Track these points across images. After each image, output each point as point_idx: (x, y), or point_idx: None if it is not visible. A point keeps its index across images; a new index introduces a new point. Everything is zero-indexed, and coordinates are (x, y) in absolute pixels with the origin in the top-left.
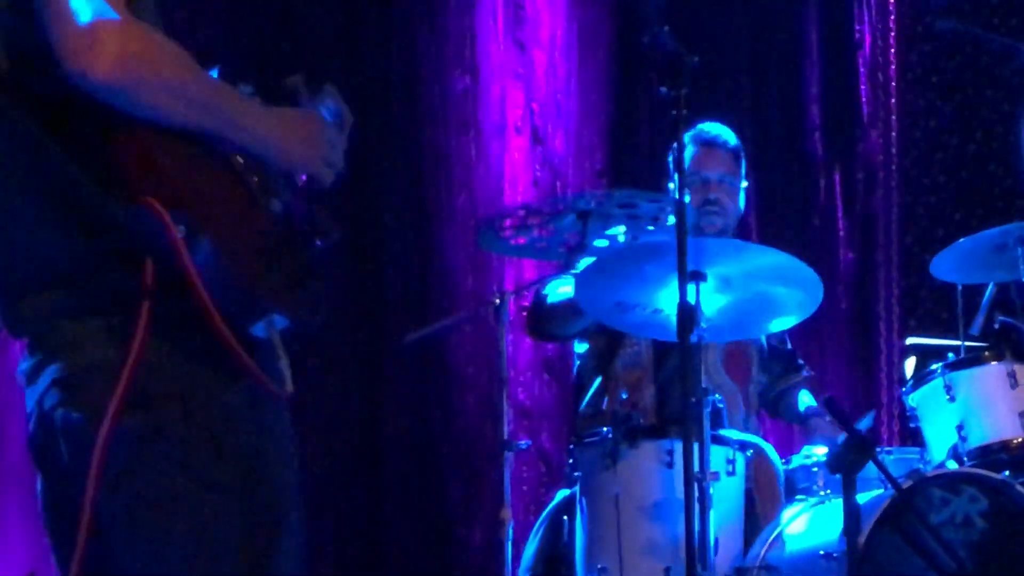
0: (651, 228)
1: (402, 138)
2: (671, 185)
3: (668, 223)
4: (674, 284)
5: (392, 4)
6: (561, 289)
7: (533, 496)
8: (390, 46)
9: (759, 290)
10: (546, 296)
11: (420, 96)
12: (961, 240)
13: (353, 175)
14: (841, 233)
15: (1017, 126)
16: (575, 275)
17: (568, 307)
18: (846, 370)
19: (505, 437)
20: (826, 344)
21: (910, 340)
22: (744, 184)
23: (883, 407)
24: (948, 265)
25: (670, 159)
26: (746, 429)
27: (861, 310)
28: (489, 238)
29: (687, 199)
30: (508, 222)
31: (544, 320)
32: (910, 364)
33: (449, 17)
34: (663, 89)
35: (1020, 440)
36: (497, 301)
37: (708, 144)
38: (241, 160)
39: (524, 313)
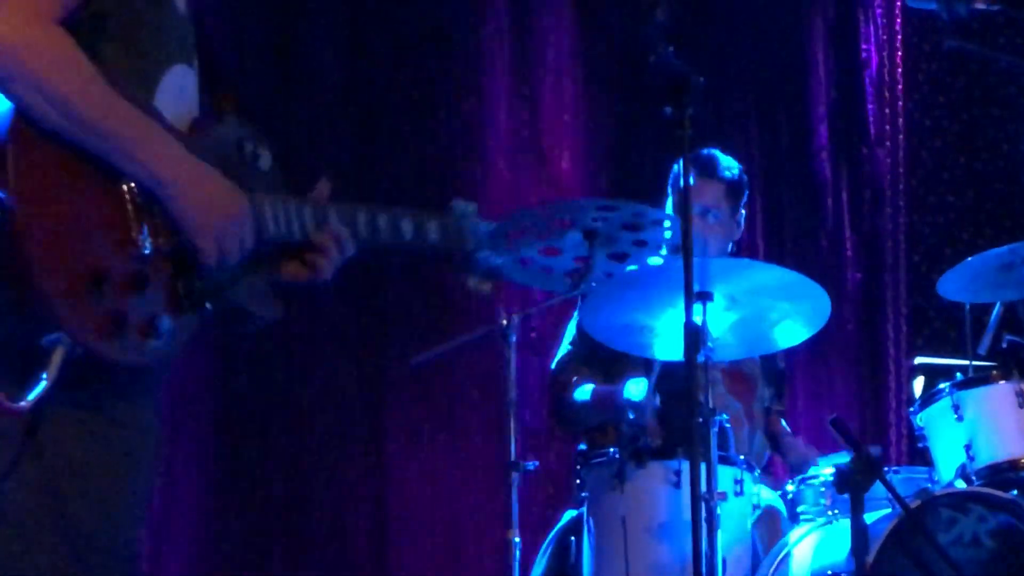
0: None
1: (408, 158)
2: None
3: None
4: (681, 305)
5: (400, 26)
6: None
7: (541, 517)
8: (398, 68)
9: (766, 307)
10: (572, 393)
11: (427, 117)
12: (968, 259)
13: (361, 195)
14: (848, 253)
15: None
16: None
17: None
18: (854, 390)
19: (512, 458)
20: (834, 364)
21: (918, 360)
22: (743, 212)
23: (891, 427)
24: (955, 284)
25: (670, 180)
26: (751, 448)
27: (869, 330)
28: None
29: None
30: (514, 233)
31: (568, 419)
32: (918, 384)
33: (456, 38)
34: (668, 109)
35: None
36: (504, 322)
37: (700, 174)
38: (133, 191)
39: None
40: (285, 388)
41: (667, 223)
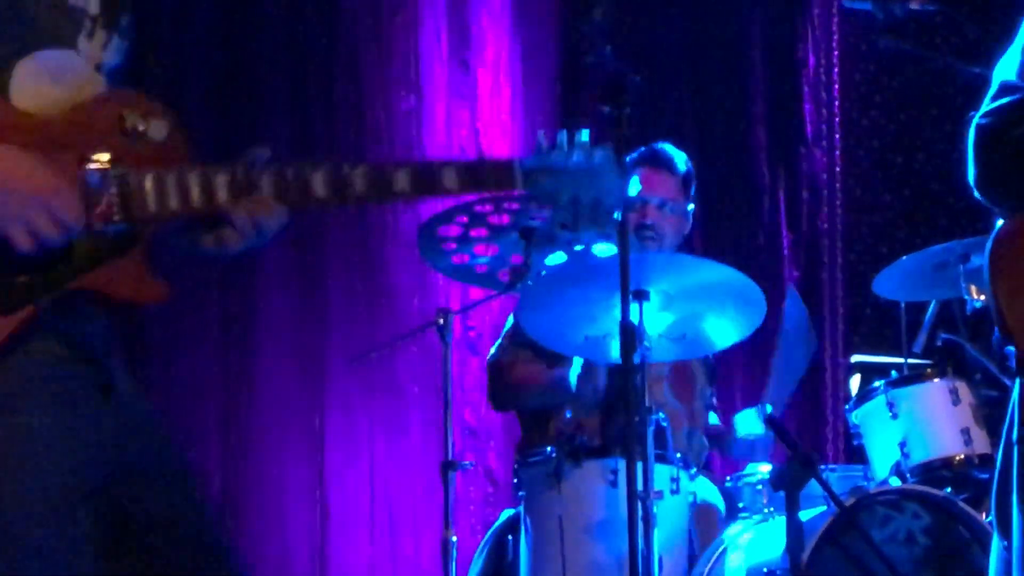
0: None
1: (347, 157)
2: None
3: (597, 252)
4: (617, 304)
5: (337, 24)
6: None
7: (480, 516)
8: (335, 66)
9: (702, 308)
10: (510, 372)
11: (365, 116)
12: (903, 258)
13: None
14: (785, 252)
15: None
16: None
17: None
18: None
19: (450, 456)
20: (771, 361)
21: (855, 358)
22: (691, 207)
23: (828, 425)
24: (891, 283)
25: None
26: (690, 446)
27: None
28: (430, 249)
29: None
30: (452, 230)
31: (518, 397)
32: (855, 382)
33: (394, 37)
34: (606, 108)
35: (962, 457)
36: (441, 321)
37: (654, 166)
38: None
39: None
40: (225, 383)
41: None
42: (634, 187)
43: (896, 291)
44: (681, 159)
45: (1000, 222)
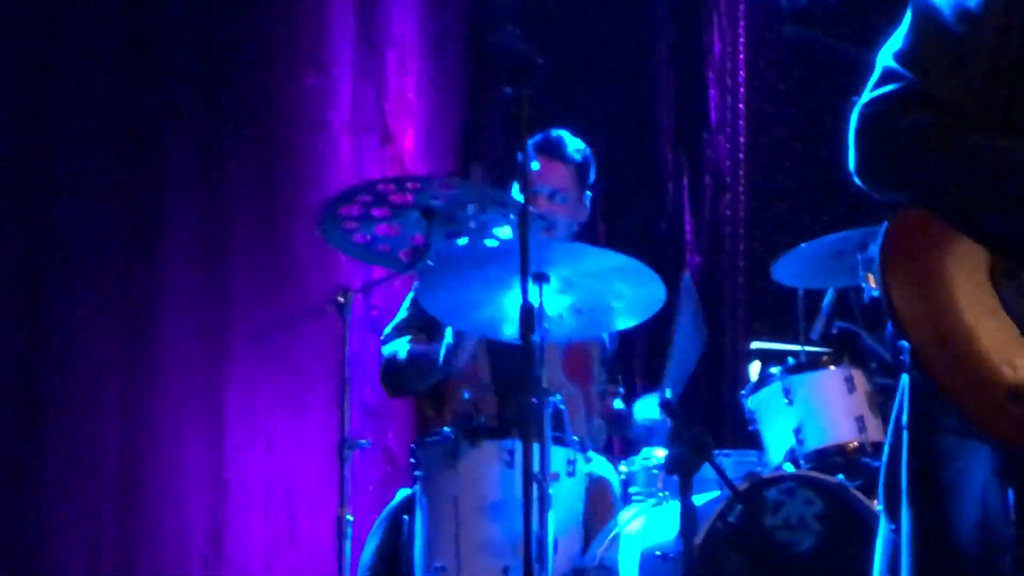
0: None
1: (253, 133)
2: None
3: (502, 236)
4: (517, 285)
5: (245, 0)
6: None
7: (378, 495)
8: (242, 42)
9: (601, 291)
10: (396, 353)
11: (271, 92)
12: (802, 245)
13: (203, 170)
14: (688, 237)
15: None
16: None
17: (423, 360)
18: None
19: (347, 435)
20: (668, 350)
21: (754, 344)
22: (589, 194)
23: (726, 410)
24: (790, 270)
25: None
26: (588, 429)
27: (707, 314)
28: (332, 229)
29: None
30: (355, 209)
31: (401, 378)
32: (754, 368)
33: (300, 13)
34: (508, 89)
35: (856, 444)
36: (342, 299)
37: (548, 156)
38: None
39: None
40: (125, 358)
41: (508, 204)
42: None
43: (795, 278)
44: (577, 147)
45: (889, 215)
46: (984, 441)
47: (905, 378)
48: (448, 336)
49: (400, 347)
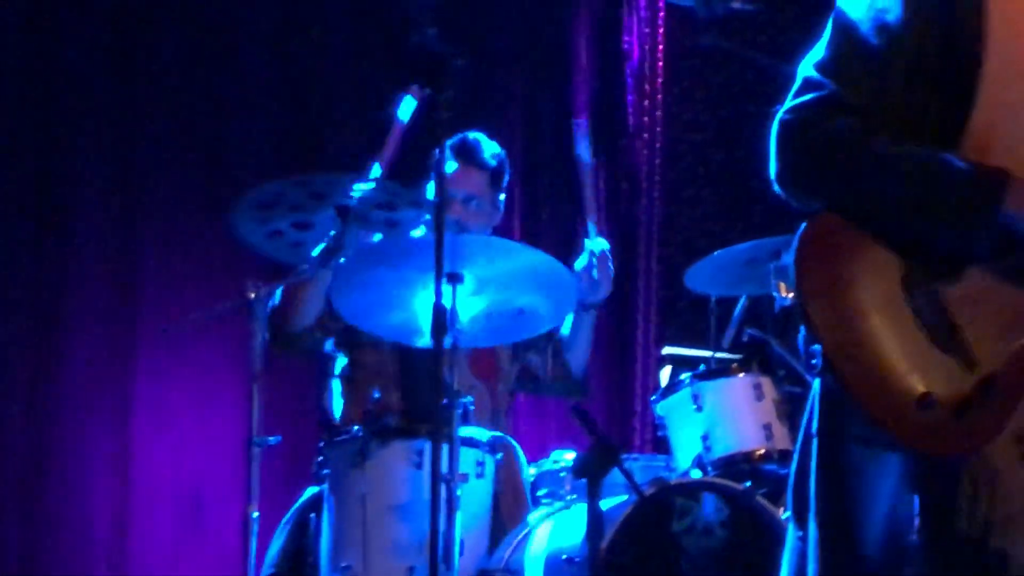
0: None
1: (168, 126)
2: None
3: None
4: (431, 286)
5: None
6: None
7: (286, 493)
8: (161, 41)
9: (515, 295)
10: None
11: (184, 92)
12: (716, 252)
13: (116, 162)
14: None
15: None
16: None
17: (300, 289)
18: (603, 377)
19: (255, 432)
20: None
21: (666, 350)
22: (502, 197)
23: (636, 415)
24: (702, 277)
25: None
26: (495, 428)
27: (620, 318)
28: (243, 222)
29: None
30: (266, 205)
31: (285, 316)
32: (665, 373)
33: (213, 7)
34: (426, 90)
35: (763, 451)
36: (252, 295)
37: (465, 161)
38: None
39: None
40: (34, 347)
41: (427, 215)
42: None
43: (707, 285)
44: (493, 152)
45: (805, 221)
46: (892, 449)
47: (816, 385)
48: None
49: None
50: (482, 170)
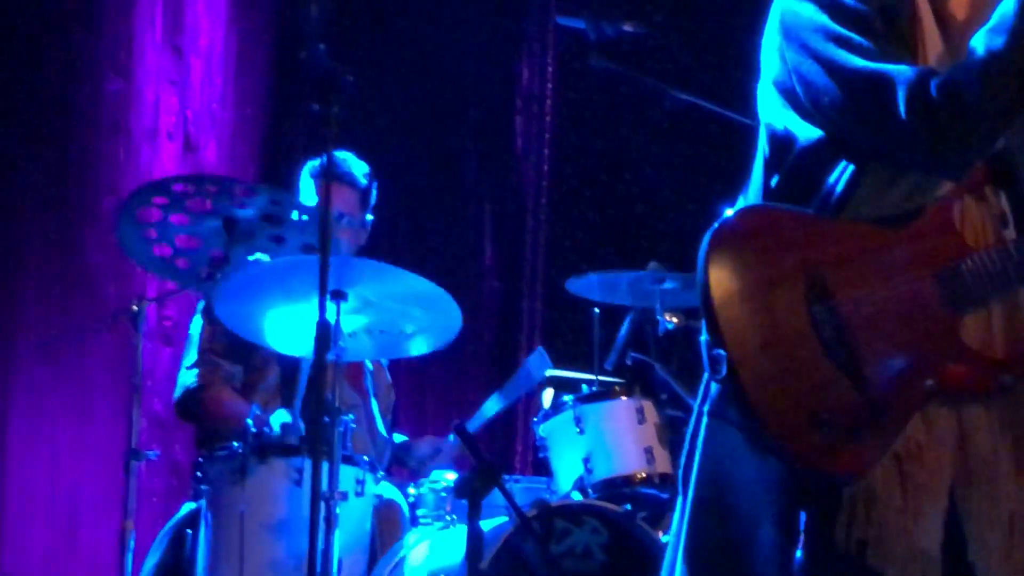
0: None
1: (50, 136)
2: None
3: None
4: (315, 302)
5: (47, 1)
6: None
7: (163, 508)
8: (43, 42)
9: (399, 313)
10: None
11: (71, 95)
12: (599, 275)
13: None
14: (488, 262)
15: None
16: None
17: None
18: (485, 396)
19: (134, 446)
20: (467, 370)
21: (549, 372)
22: (370, 218)
23: (519, 436)
24: (584, 287)
25: (305, 174)
26: (373, 445)
27: (503, 339)
28: (130, 235)
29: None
30: (151, 213)
31: (205, 423)
32: (548, 395)
33: (105, 18)
34: (315, 106)
35: (644, 475)
36: (135, 308)
37: (337, 180)
38: None
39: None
40: None
41: (305, 216)
42: (312, 197)
43: (592, 293)
44: (362, 172)
45: (728, 211)
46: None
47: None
48: (281, 415)
49: (214, 395)
50: (353, 189)
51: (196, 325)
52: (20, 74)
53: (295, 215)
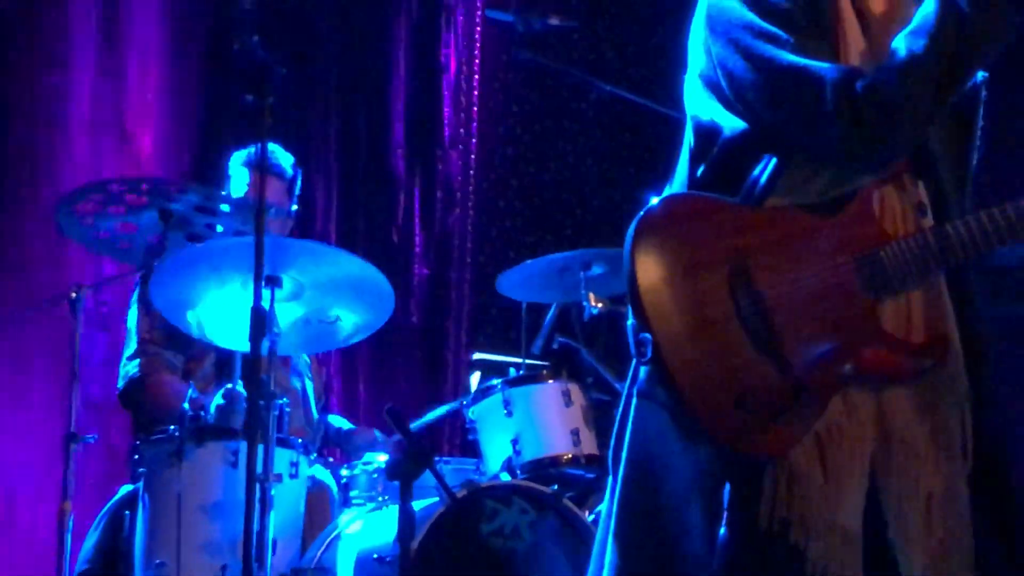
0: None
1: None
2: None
3: (218, 230)
4: (249, 289)
5: None
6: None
7: (99, 490)
8: None
9: (333, 300)
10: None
11: (7, 88)
12: (528, 261)
13: None
14: (417, 249)
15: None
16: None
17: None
18: (415, 381)
19: (72, 430)
20: (397, 354)
21: (476, 355)
22: (295, 208)
23: (448, 419)
24: (514, 284)
25: (235, 163)
26: (307, 427)
27: (432, 324)
28: (70, 223)
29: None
30: (89, 207)
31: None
32: (475, 378)
33: (42, 11)
34: (249, 97)
35: (571, 456)
36: (74, 295)
37: (266, 171)
38: None
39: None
40: None
41: (228, 207)
42: (242, 187)
43: (519, 291)
44: (288, 163)
45: (653, 200)
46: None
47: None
48: (218, 398)
49: (155, 383)
50: (282, 180)
51: (132, 316)
52: None
53: (226, 208)
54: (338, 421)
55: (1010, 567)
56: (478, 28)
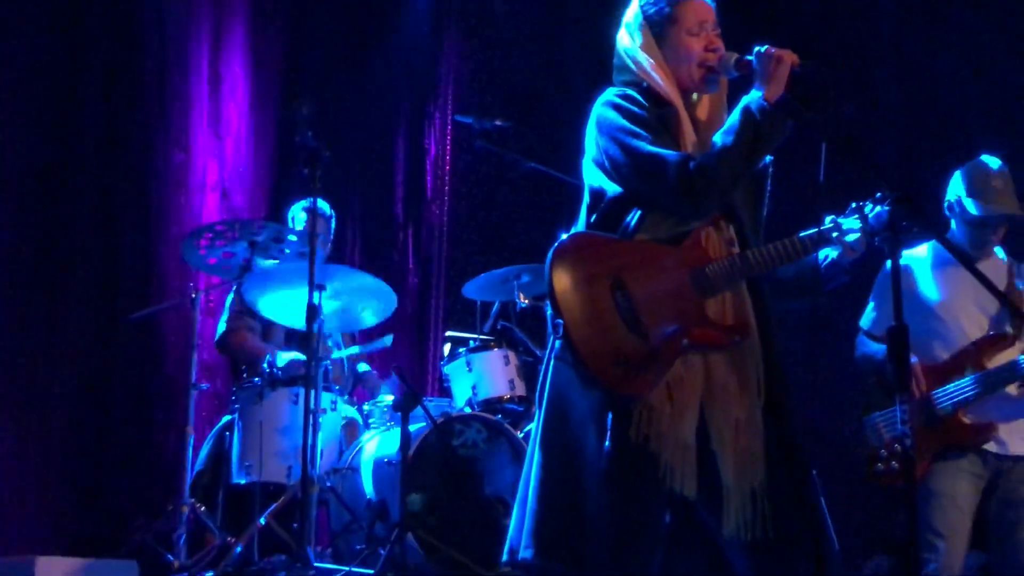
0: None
1: (139, 188)
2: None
3: (286, 253)
4: (305, 291)
5: (118, 80)
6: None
7: (210, 420)
8: (132, 129)
9: (357, 298)
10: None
11: (151, 161)
12: (483, 274)
13: (103, 215)
14: (411, 266)
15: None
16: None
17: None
18: (411, 351)
19: (193, 381)
20: (399, 334)
21: (448, 333)
22: (331, 237)
23: (430, 374)
24: (473, 288)
25: (296, 210)
26: (344, 380)
27: (420, 314)
28: (190, 251)
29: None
30: (203, 241)
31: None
32: (447, 347)
33: (173, 111)
34: (305, 171)
35: (508, 396)
36: (193, 296)
37: (315, 214)
38: None
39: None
40: None
41: (295, 238)
42: (300, 225)
43: (476, 293)
44: (329, 211)
45: (563, 235)
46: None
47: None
48: (285, 359)
49: (238, 336)
50: (325, 220)
51: (229, 299)
52: (116, 153)
53: (292, 238)
54: (361, 367)
55: (787, 464)
56: (449, 127)
